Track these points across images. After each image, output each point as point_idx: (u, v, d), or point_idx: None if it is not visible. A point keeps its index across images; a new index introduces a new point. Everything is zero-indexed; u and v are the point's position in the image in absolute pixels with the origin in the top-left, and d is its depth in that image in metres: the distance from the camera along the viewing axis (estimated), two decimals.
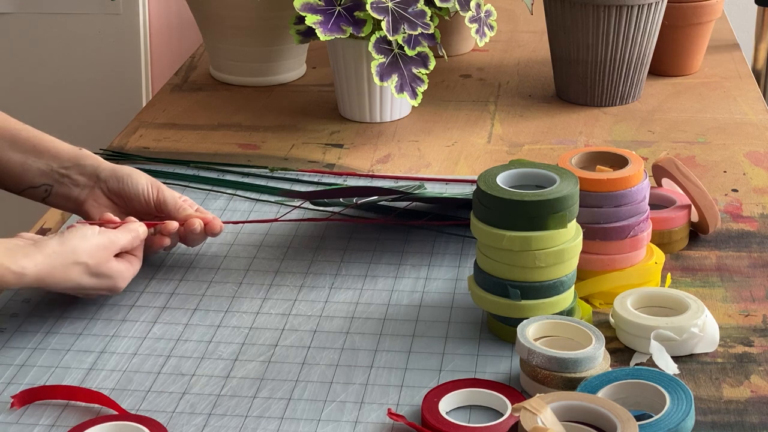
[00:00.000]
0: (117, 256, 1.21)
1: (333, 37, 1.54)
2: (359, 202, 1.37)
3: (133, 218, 1.26)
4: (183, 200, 1.31)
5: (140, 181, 1.29)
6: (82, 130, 2.25)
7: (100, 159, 1.32)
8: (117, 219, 1.25)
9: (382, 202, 1.39)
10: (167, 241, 1.28)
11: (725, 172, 1.52)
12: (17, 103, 2.27)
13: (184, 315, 1.21)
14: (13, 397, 1.06)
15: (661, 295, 1.18)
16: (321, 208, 1.41)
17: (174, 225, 1.27)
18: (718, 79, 1.84)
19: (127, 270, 1.21)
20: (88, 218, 1.30)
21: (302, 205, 1.41)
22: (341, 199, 1.39)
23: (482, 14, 1.62)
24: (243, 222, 1.36)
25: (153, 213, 1.30)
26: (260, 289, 1.26)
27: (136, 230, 1.23)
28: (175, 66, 2.20)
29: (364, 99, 1.65)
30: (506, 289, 1.13)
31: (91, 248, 1.17)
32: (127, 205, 1.30)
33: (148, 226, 1.27)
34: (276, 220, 1.37)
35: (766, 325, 1.18)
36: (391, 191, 1.31)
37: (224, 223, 1.32)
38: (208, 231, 1.28)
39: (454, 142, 1.62)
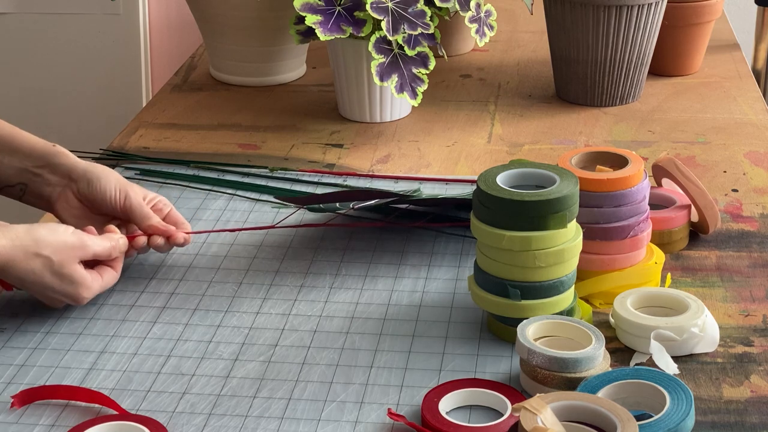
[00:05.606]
0: (90, 265, 1.18)
1: (333, 37, 1.54)
2: (356, 206, 1.37)
3: (114, 228, 1.22)
4: (156, 201, 1.29)
5: (108, 185, 1.26)
6: (82, 130, 2.25)
7: (73, 158, 1.29)
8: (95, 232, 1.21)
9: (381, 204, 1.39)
10: (133, 253, 1.26)
11: (725, 172, 1.52)
12: (17, 103, 2.27)
13: (184, 315, 1.21)
14: (13, 397, 1.06)
15: (661, 295, 1.18)
16: (319, 213, 1.41)
17: (142, 241, 1.25)
18: (718, 79, 1.84)
19: (94, 280, 1.17)
20: (60, 219, 1.28)
21: (301, 208, 1.41)
22: (338, 204, 1.39)
23: (482, 14, 1.62)
24: (239, 230, 1.35)
25: (121, 218, 1.28)
26: (260, 289, 1.26)
27: (116, 241, 1.20)
28: (175, 66, 2.20)
29: (364, 99, 1.65)
30: (506, 289, 1.13)
31: (58, 244, 1.13)
32: (96, 208, 1.28)
33: (129, 239, 1.25)
34: (272, 227, 1.37)
35: (766, 325, 1.18)
36: (389, 194, 1.30)
37: (221, 230, 1.32)
38: (171, 243, 1.26)
39: (454, 142, 1.62)
